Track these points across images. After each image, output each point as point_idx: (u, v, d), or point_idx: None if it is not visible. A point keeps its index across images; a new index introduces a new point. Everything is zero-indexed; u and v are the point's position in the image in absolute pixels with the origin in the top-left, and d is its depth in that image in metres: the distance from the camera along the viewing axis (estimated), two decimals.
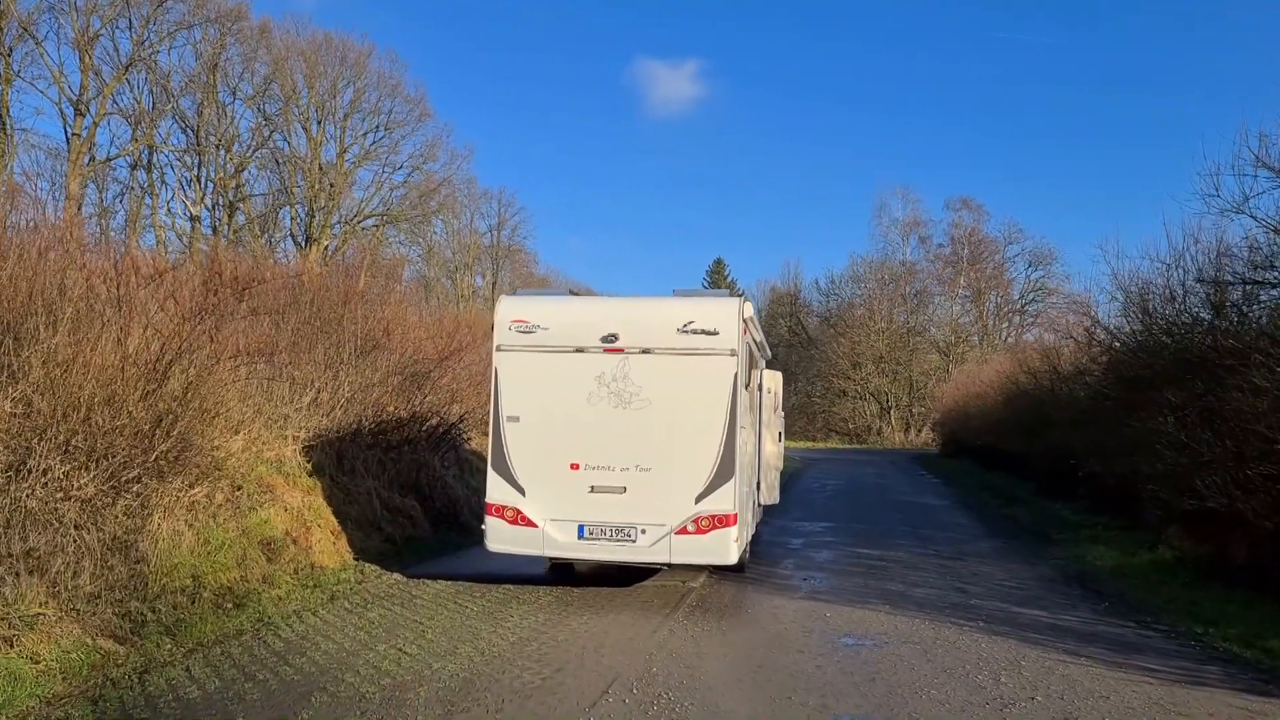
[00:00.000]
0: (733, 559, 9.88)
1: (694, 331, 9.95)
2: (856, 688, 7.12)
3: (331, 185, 50.72)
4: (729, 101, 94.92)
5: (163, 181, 45.31)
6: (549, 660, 7.77)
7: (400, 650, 8.05)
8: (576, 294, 11.09)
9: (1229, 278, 12.87)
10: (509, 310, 10.41)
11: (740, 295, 10.44)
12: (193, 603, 9.40)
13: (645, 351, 10.03)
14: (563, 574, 11.50)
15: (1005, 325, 70.83)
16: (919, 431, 64.38)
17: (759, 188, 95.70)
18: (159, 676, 7.22)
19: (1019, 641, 8.62)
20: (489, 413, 10.44)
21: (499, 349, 10.36)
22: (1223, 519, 12.89)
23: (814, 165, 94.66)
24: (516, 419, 10.19)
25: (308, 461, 13.50)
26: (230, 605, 9.59)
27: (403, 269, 24.90)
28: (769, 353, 14.80)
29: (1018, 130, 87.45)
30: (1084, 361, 19.66)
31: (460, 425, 17.59)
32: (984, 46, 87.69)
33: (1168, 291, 15.56)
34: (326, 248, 48.69)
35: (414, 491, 15.12)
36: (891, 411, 66.74)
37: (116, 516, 9.31)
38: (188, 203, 46.61)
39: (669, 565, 10.15)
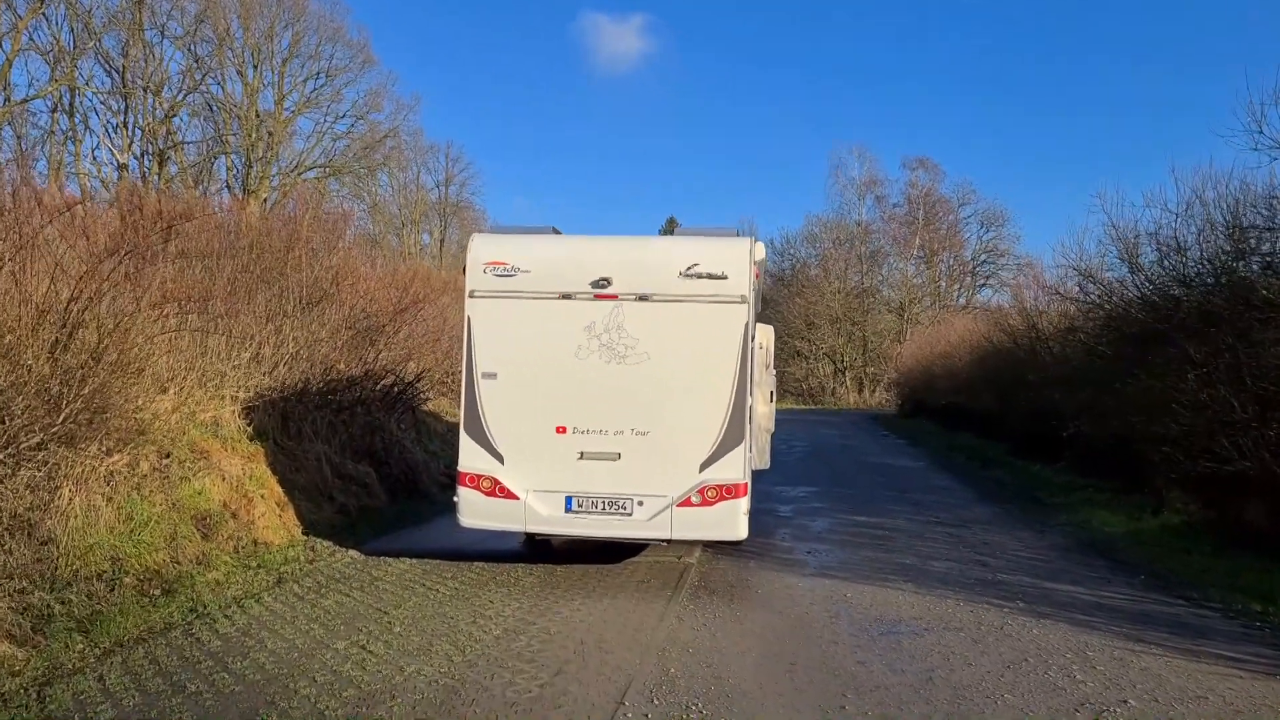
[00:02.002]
0: (742, 534, 8.73)
1: (699, 275, 8.69)
2: (915, 691, 6.03)
3: (270, 134, 48.02)
4: (679, 58, 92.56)
5: (86, 127, 42.29)
6: (544, 660, 6.55)
7: (364, 649, 6.77)
8: (559, 234, 9.70)
9: (1259, 222, 11.95)
10: (483, 250, 9.02)
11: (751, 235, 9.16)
12: (112, 591, 7.99)
13: (642, 298, 8.75)
14: (540, 550, 10.25)
15: (957, 286, 70.77)
16: (873, 392, 64.17)
17: (712, 146, 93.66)
18: (64, 689, 5.85)
19: (1071, 625, 7.63)
20: (460, 369, 9.10)
21: (472, 295, 8.99)
22: (1237, 482, 12.15)
23: (769, 124, 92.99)
24: (493, 376, 8.86)
25: (248, 424, 12.03)
26: (158, 592, 8.20)
27: (349, 222, 23.16)
28: (760, 304, 13.61)
29: (977, 89, 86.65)
30: (1077, 318, 18.79)
31: (417, 385, 16.16)
32: (944, 4, 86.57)
33: (1175, 241, 14.73)
34: (265, 200, 46.17)
35: (368, 457, 13.73)
36: (846, 372, 66.39)
37: (16, 490, 7.86)
38: (114, 150, 43.68)
39: (668, 541, 8.98)
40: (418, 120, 69.65)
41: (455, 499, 8.99)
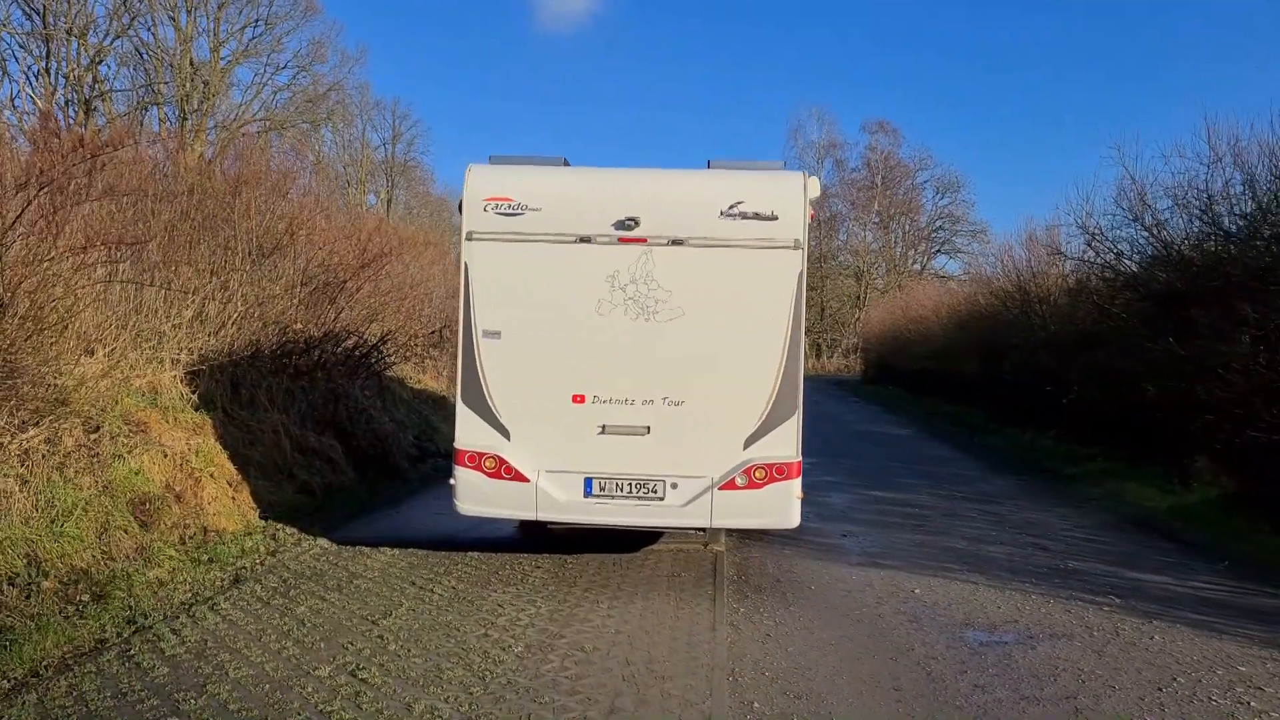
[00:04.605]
0: (794, 521, 7.44)
1: (744, 216, 7.30)
2: None
3: (206, 84, 45.01)
4: (631, 19, 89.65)
5: (4, 72, 39.02)
6: (588, 690, 5.19)
7: (355, 675, 5.34)
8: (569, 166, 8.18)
9: None
10: (484, 183, 7.50)
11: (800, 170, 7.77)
12: (27, 599, 6.47)
13: (676, 243, 7.34)
14: (537, 536, 8.82)
15: (912, 252, 70.40)
16: (830, 357, 63.68)
17: (666, 108, 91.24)
18: None
19: (1192, 629, 6.51)
20: (458, 326, 7.61)
21: (470, 238, 7.48)
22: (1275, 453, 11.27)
23: (725, 85, 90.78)
24: (496, 335, 7.40)
25: (193, 391, 10.39)
26: (86, 599, 6.67)
27: (303, 167, 21.41)
28: None
29: (940, 50, 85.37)
30: (1087, 278, 17.81)
31: (382, 348, 14.56)
32: None
33: (1208, 194, 13.75)
34: (201, 155, 43.27)
35: (332, 427, 12.17)
36: (805, 337, 65.68)
37: None
38: (35, 98, 40.47)
39: (704, 530, 7.67)
40: (364, 74, 66.55)
41: (451, 481, 7.54)
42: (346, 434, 12.34)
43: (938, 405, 28.50)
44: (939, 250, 69.59)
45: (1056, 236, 21.36)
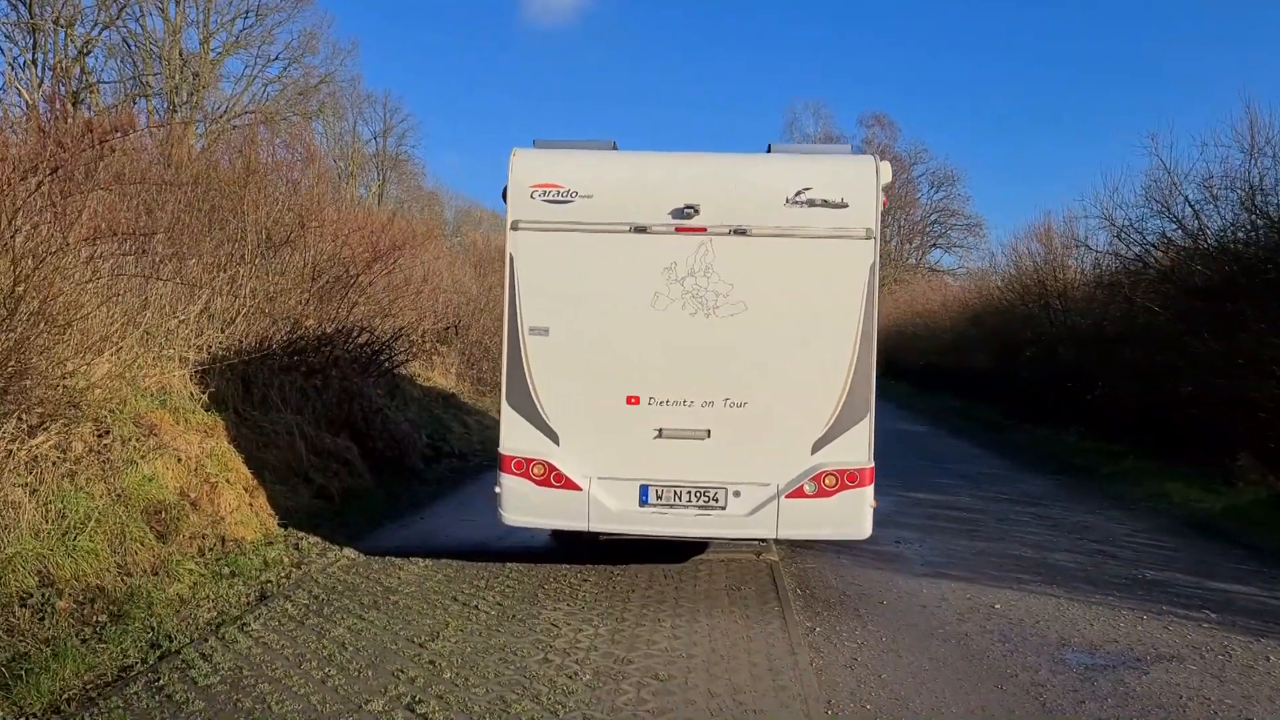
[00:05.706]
0: (867, 531, 6.94)
1: (812, 203, 6.79)
2: None
3: (195, 76, 44.14)
4: (622, 12, 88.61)
5: None
6: None
7: (414, 711, 4.82)
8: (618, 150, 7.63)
9: None
10: (530, 168, 6.97)
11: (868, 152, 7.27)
12: (40, 620, 5.92)
13: (738, 232, 6.82)
14: (572, 544, 8.26)
15: (908, 246, 70.19)
16: None
17: (658, 104, 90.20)
18: None
19: None
20: (502, 321, 7.07)
21: (515, 227, 6.94)
22: None
23: (718, 80, 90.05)
24: (544, 331, 6.88)
25: (203, 391, 9.82)
26: (104, 619, 6.13)
27: (314, 156, 20.82)
28: None
29: (937, 45, 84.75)
30: (1117, 272, 17.40)
31: (394, 345, 14.00)
32: None
33: (1248, 185, 13.36)
34: (192, 147, 42.38)
35: (347, 428, 11.60)
36: None
37: None
38: (22, 90, 39.56)
39: (767, 542, 7.17)
40: (356, 66, 65.47)
41: (496, 489, 7.01)
42: (361, 435, 11.78)
43: (945, 401, 28.16)
44: (934, 244, 69.48)
45: (1074, 230, 20.99)
